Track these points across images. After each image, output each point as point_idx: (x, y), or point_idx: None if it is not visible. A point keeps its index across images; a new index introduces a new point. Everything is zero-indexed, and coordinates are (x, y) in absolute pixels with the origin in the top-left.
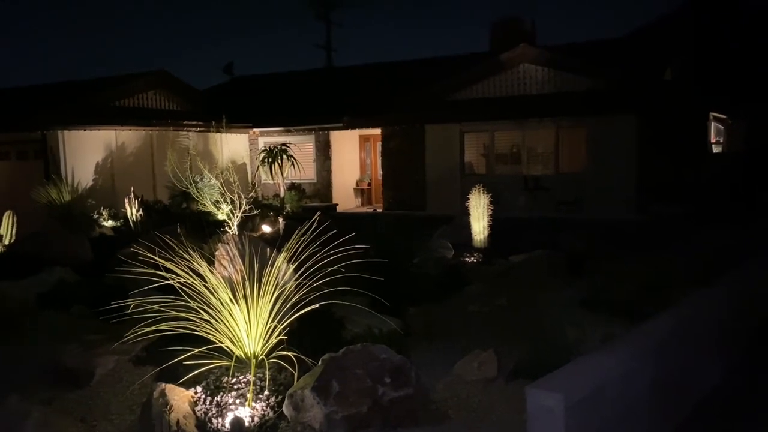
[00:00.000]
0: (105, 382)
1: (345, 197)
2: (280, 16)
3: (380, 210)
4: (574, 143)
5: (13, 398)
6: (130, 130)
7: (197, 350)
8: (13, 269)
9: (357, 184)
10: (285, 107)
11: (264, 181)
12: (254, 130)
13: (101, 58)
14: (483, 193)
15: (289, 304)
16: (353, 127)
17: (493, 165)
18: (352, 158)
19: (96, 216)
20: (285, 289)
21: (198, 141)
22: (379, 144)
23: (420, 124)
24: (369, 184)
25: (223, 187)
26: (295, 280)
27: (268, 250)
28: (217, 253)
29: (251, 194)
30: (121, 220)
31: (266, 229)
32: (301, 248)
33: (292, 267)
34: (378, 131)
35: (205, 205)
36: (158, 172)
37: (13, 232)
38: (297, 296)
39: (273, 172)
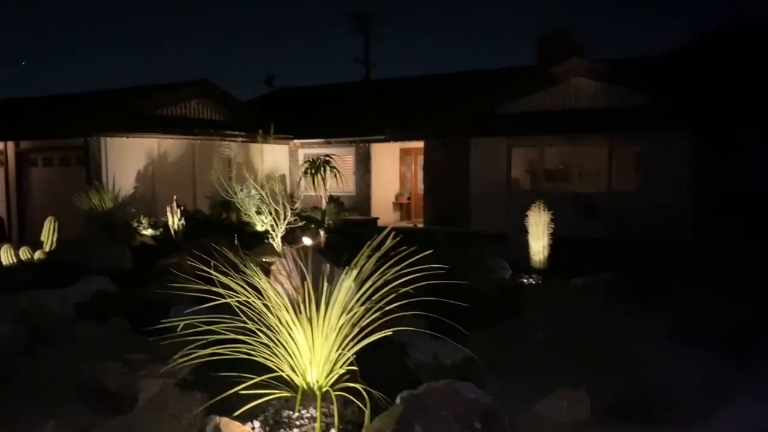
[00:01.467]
0: (149, 408)
1: (383, 211)
2: (320, 30)
3: (421, 225)
4: (626, 161)
5: (49, 426)
6: (172, 138)
7: (253, 378)
8: (52, 277)
9: (396, 198)
10: (325, 119)
11: (302, 193)
12: (295, 141)
13: (142, 71)
14: (543, 209)
15: (357, 328)
16: (395, 140)
17: (541, 181)
18: (391, 172)
19: (135, 224)
20: (353, 311)
21: (239, 151)
22: (420, 158)
23: (465, 138)
24: (408, 199)
25: (266, 198)
26: (359, 300)
27: (328, 266)
28: (273, 267)
29: (296, 205)
30: (161, 229)
31: (307, 241)
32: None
33: (354, 284)
34: (419, 144)
35: (249, 215)
36: (199, 182)
37: (54, 238)
38: (363, 319)
39: (315, 183)
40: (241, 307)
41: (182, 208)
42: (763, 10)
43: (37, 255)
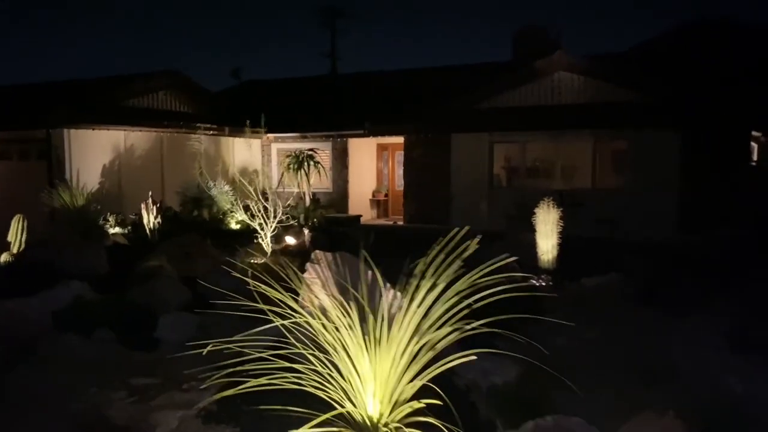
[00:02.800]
0: None
1: (360, 208)
2: (287, 24)
3: (401, 223)
4: (612, 158)
5: None
6: (140, 131)
7: (294, 410)
8: (23, 282)
9: (373, 195)
10: (298, 113)
11: (278, 189)
12: (268, 135)
13: (105, 63)
14: (552, 207)
15: (427, 351)
16: (375, 135)
17: (525, 178)
18: (368, 168)
19: (102, 222)
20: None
21: (209, 145)
22: (397, 153)
23: (446, 133)
24: (386, 195)
25: (253, 194)
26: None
27: (370, 273)
28: (305, 275)
29: (288, 202)
30: (129, 228)
31: (290, 240)
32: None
33: (399, 294)
34: (397, 140)
35: (232, 213)
36: (168, 177)
37: (23, 238)
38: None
39: (299, 178)
40: (265, 319)
41: (158, 204)
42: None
43: (4, 257)
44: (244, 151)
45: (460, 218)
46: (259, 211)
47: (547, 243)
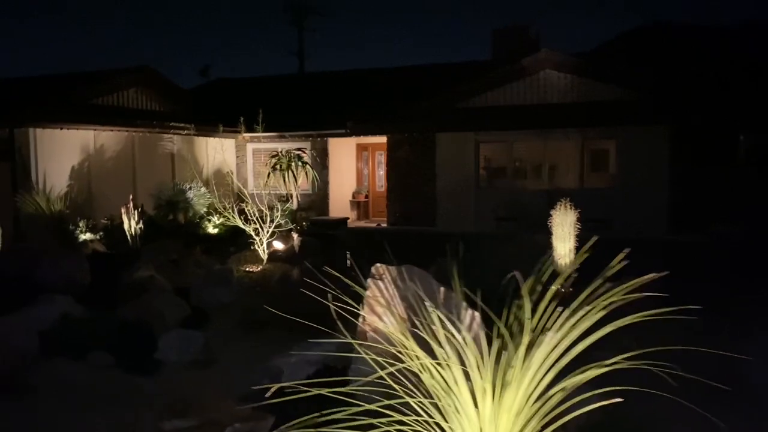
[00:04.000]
0: None
1: (340, 210)
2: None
3: (384, 225)
4: (600, 156)
5: None
6: (111, 130)
7: None
8: (6, 298)
9: (353, 197)
10: (273, 112)
11: (257, 191)
12: (244, 135)
13: (66, 59)
14: (570, 208)
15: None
16: (358, 134)
17: (512, 178)
18: (347, 168)
19: (71, 228)
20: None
21: (182, 145)
22: (378, 153)
23: (431, 133)
24: (366, 197)
25: (247, 198)
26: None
27: (443, 289)
28: (367, 293)
29: (288, 205)
30: (101, 233)
31: (279, 246)
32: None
33: (477, 315)
34: (378, 140)
35: (209, 216)
36: (140, 179)
37: None
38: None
39: (287, 180)
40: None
41: (140, 209)
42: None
43: None
44: (218, 152)
45: (446, 220)
46: (253, 215)
47: (564, 246)
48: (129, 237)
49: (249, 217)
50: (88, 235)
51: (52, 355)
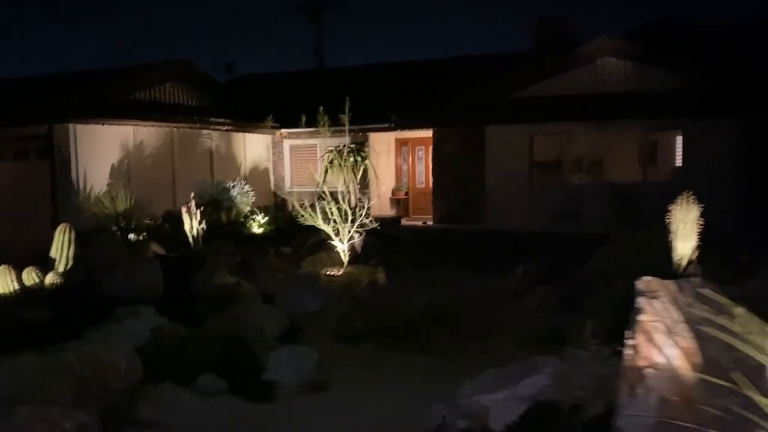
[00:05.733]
0: None
1: (380, 207)
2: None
3: (429, 222)
4: (664, 148)
5: None
6: (152, 126)
7: None
8: (79, 312)
9: (393, 193)
10: (302, 108)
11: (290, 189)
12: (282, 131)
13: (81, 57)
14: (692, 202)
15: None
16: (403, 128)
17: (568, 173)
18: (386, 164)
19: (113, 229)
20: None
21: (220, 141)
22: (418, 149)
23: (480, 126)
24: (406, 194)
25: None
26: None
27: (742, 310)
28: (641, 317)
29: (369, 205)
30: (144, 234)
31: (340, 246)
32: None
33: None
34: (418, 134)
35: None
36: (179, 177)
37: (70, 254)
38: None
39: (345, 176)
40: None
41: (202, 208)
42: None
43: (50, 278)
44: (255, 148)
45: (497, 217)
46: (332, 213)
47: (685, 246)
48: (191, 238)
49: (327, 216)
50: (132, 236)
51: (157, 379)
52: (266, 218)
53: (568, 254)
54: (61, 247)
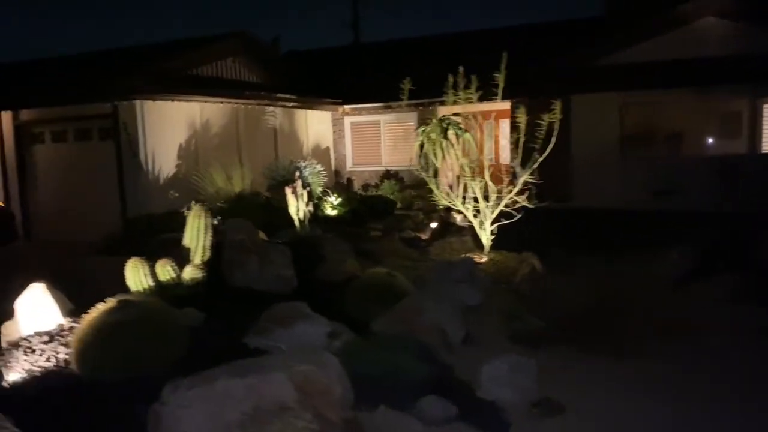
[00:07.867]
0: None
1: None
2: None
3: None
4: None
5: None
6: (221, 102)
7: None
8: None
9: None
10: (356, 84)
11: (353, 168)
12: (345, 107)
13: (121, 33)
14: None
15: None
16: (480, 100)
17: (668, 145)
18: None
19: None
20: None
21: (283, 119)
22: (486, 123)
23: (566, 96)
24: None
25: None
26: None
27: None
28: None
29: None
30: (218, 218)
31: (435, 227)
32: None
33: None
34: (487, 107)
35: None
36: (245, 157)
37: (207, 242)
38: None
39: (444, 152)
40: None
41: (308, 189)
42: None
43: (189, 272)
44: (317, 126)
45: (585, 195)
46: (474, 193)
47: None
48: (297, 222)
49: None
50: None
51: (362, 402)
52: (339, 199)
53: (706, 236)
54: (197, 234)
